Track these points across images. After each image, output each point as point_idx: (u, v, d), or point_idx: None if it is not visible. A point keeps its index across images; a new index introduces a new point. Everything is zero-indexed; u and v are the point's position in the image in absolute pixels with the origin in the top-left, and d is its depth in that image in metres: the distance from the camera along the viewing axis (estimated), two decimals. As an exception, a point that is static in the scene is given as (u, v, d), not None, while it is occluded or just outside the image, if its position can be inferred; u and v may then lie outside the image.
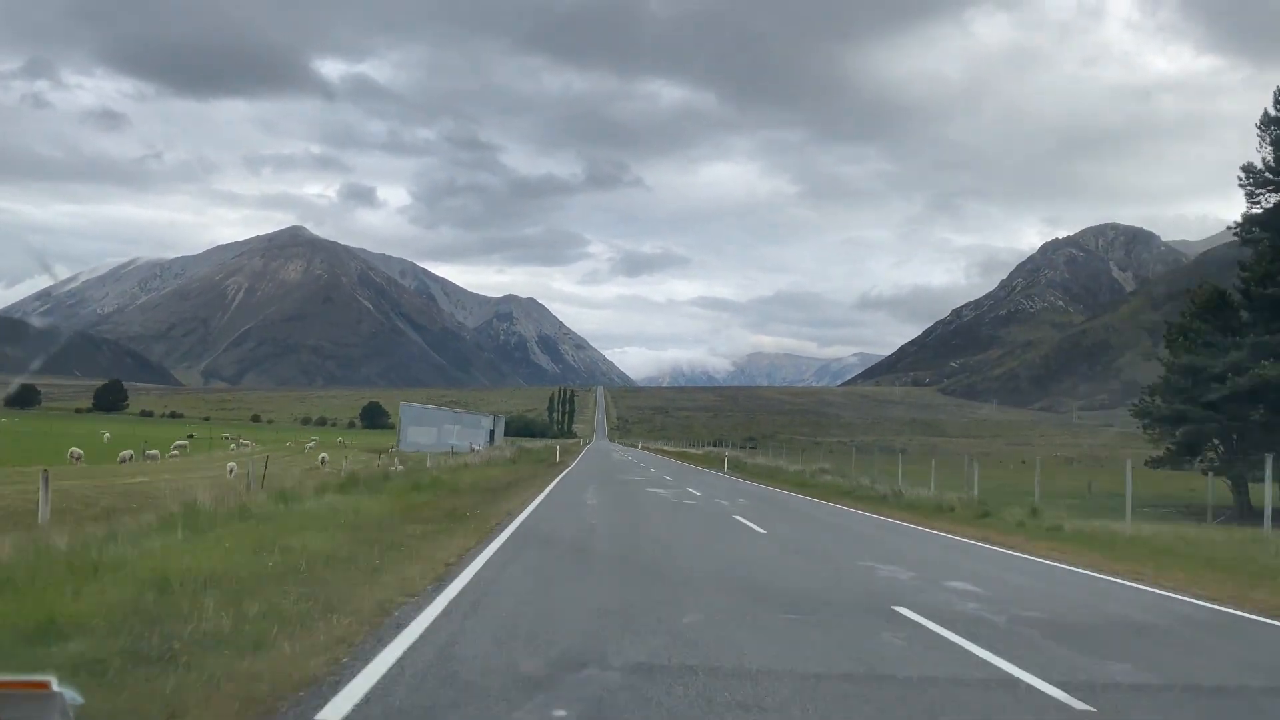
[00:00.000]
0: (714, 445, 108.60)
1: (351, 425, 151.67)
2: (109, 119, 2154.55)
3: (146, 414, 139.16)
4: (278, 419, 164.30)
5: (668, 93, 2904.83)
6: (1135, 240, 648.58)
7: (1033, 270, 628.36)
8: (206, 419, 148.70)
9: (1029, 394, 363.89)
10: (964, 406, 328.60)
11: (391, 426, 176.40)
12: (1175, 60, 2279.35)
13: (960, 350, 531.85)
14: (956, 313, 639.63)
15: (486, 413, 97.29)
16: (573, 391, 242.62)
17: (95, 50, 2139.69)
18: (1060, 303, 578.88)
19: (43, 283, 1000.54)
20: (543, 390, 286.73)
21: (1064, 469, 73.25)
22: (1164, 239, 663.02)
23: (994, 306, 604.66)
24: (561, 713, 5.18)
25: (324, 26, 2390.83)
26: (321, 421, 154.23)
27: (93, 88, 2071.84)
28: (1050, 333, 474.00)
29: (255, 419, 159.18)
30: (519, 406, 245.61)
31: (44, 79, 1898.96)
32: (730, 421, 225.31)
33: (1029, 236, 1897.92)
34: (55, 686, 1.60)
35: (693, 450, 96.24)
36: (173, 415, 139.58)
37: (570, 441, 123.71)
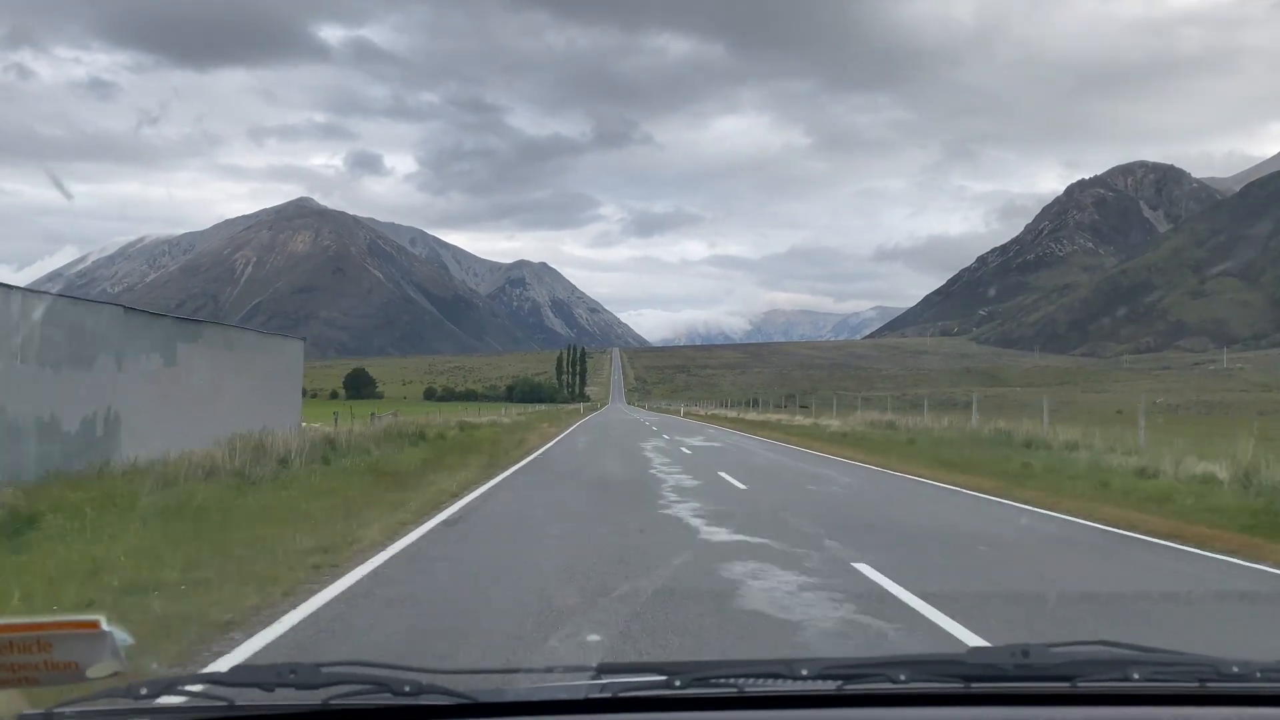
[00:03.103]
0: (747, 404, 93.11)
1: (335, 395, 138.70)
2: (109, 95, 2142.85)
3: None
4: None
5: (675, 45, 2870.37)
6: (1166, 178, 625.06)
7: (1059, 213, 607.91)
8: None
9: (1068, 339, 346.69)
10: (1003, 354, 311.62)
11: (380, 395, 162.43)
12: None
13: (988, 298, 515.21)
14: (981, 260, 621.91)
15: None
16: (583, 350, 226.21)
17: (91, 23, 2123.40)
18: (1090, 245, 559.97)
19: (53, 264, 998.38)
20: (556, 354, 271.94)
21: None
22: (1194, 176, 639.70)
23: (1021, 251, 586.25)
24: None
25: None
26: (302, 392, 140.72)
27: (90, 61, 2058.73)
28: (1081, 276, 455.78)
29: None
30: (530, 370, 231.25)
31: (36, 52, 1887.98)
32: (760, 378, 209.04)
33: (1049, 181, 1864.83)
34: (105, 626, 1.64)
35: (835, 427, 40.26)
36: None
37: (566, 411, 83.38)
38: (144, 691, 1.88)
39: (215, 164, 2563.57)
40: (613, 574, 8.18)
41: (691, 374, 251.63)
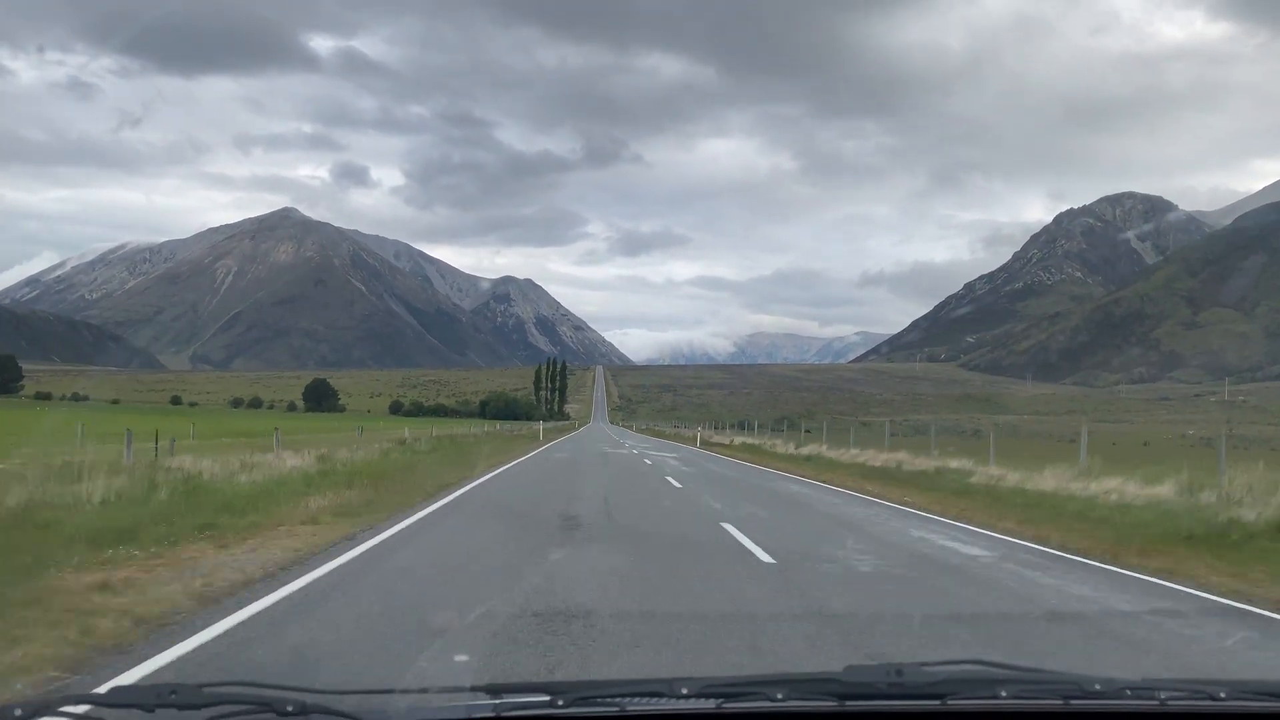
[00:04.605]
0: (738, 427, 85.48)
1: (293, 407, 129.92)
2: (93, 99, 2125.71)
3: (43, 396, 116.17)
4: (211, 401, 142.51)
5: (666, 66, 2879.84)
6: (1154, 209, 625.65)
7: (1048, 242, 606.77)
8: (116, 401, 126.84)
9: (1060, 368, 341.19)
10: (995, 381, 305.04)
11: (343, 409, 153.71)
12: (1186, 27, 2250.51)
13: (975, 325, 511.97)
14: (969, 287, 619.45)
15: None
16: (563, 364, 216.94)
17: (75, 25, 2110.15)
18: (1079, 274, 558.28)
19: (31, 269, 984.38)
20: (535, 369, 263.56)
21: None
22: (1182, 208, 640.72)
23: (1009, 280, 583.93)
24: None
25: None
26: (256, 403, 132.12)
27: (73, 64, 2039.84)
28: (1070, 305, 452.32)
29: (175, 401, 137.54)
30: (509, 385, 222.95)
31: (14, 51, 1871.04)
32: (750, 400, 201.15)
33: (1034, 210, 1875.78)
34: None
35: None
36: (75, 398, 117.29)
37: (521, 436, 61.30)
38: (18, 714, 1.79)
39: (200, 172, 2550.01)
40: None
41: (679, 394, 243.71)
